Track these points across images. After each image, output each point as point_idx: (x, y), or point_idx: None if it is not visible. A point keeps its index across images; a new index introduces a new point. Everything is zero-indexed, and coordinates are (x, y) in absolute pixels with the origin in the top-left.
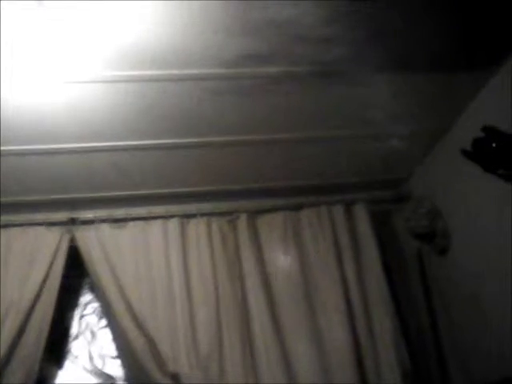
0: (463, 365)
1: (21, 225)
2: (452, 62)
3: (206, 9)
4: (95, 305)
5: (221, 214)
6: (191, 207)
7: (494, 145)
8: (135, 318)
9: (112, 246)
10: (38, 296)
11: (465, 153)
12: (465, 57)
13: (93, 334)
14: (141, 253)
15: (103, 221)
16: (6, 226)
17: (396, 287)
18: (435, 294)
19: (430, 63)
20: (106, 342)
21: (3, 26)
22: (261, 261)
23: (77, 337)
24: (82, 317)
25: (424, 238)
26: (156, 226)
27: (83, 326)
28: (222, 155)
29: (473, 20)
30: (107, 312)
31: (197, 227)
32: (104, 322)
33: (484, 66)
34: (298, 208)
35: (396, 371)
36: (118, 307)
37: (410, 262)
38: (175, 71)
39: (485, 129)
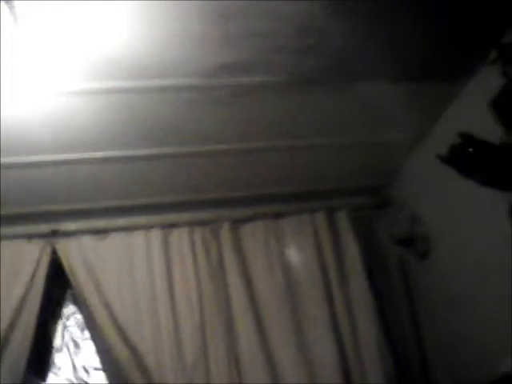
0: (447, 370)
1: (1, 238)
2: (429, 71)
3: (184, 21)
4: (78, 316)
5: (203, 223)
6: (173, 217)
7: (470, 150)
8: (119, 329)
9: (94, 257)
10: (20, 308)
11: (442, 158)
12: (440, 66)
13: (76, 345)
14: (123, 263)
15: (85, 232)
16: None
17: (379, 292)
18: (418, 298)
19: (408, 72)
20: (89, 354)
21: None
22: (244, 269)
23: (60, 348)
24: (65, 328)
25: (405, 244)
26: (138, 237)
27: (66, 337)
28: (203, 165)
29: (448, 31)
30: (90, 323)
31: (179, 237)
32: (87, 333)
33: (458, 75)
34: (280, 215)
35: (381, 379)
36: (102, 318)
37: (392, 267)
38: (153, 82)
39: (461, 135)
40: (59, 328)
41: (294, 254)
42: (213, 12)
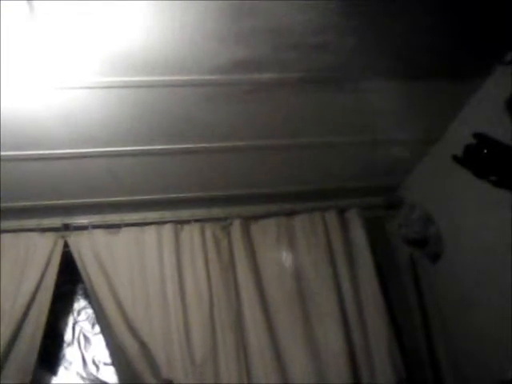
0: (457, 371)
1: (14, 231)
2: (444, 71)
3: (198, 17)
4: (89, 311)
5: (215, 219)
6: (185, 213)
7: (485, 151)
8: (129, 324)
9: (106, 251)
10: (31, 302)
11: (456, 159)
12: (455, 67)
13: (87, 340)
14: (135, 258)
15: (97, 226)
16: None
17: (390, 292)
18: (429, 299)
19: (422, 72)
20: (99, 348)
21: None
22: (255, 266)
23: (71, 343)
24: (75, 323)
25: (416, 244)
26: (150, 232)
27: (77, 332)
28: (216, 161)
29: (463, 32)
30: (101, 318)
31: (191, 233)
32: (98, 328)
33: (474, 76)
34: (291, 214)
35: (390, 378)
36: (112, 313)
37: (404, 267)
38: (168, 77)
39: (476, 135)
40: (70, 322)
41: (304, 252)
42: (227, 9)
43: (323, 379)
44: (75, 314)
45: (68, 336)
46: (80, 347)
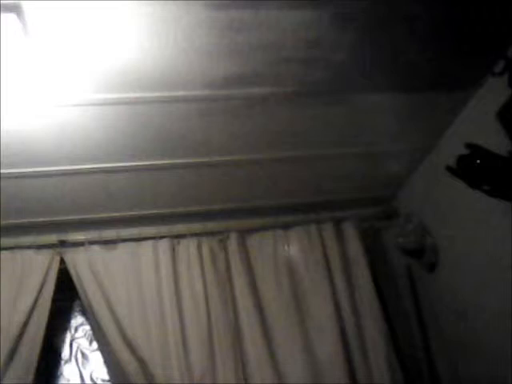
0: (456, 380)
1: (9, 248)
2: (436, 82)
3: (191, 33)
4: (86, 327)
5: (211, 233)
6: (181, 227)
7: (477, 161)
8: (127, 340)
9: (102, 267)
10: (28, 319)
11: (450, 169)
12: (447, 78)
13: (84, 356)
14: (131, 274)
15: (93, 242)
16: None
17: (387, 303)
18: (426, 309)
19: (414, 84)
20: (97, 365)
21: None
22: (252, 279)
23: (68, 360)
24: (73, 340)
25: (413, 254)
26: (146, 247)
27: (74, 349)
28: (211, 175)
29: (454, 43)
30: (98, 334)
31: (187, 247)
32: (95, 344)
33: (465, 86)
34: (287, 226)
35: None
36: (109, 329)
37: (400, 278)
38: (163, 93)
39: (468, 146)
40: (67, 339)
41: (301, 265)
42: (219, 24)
43: None
44: (72, 330)
45: (65, 353)
46: (77, 364)
